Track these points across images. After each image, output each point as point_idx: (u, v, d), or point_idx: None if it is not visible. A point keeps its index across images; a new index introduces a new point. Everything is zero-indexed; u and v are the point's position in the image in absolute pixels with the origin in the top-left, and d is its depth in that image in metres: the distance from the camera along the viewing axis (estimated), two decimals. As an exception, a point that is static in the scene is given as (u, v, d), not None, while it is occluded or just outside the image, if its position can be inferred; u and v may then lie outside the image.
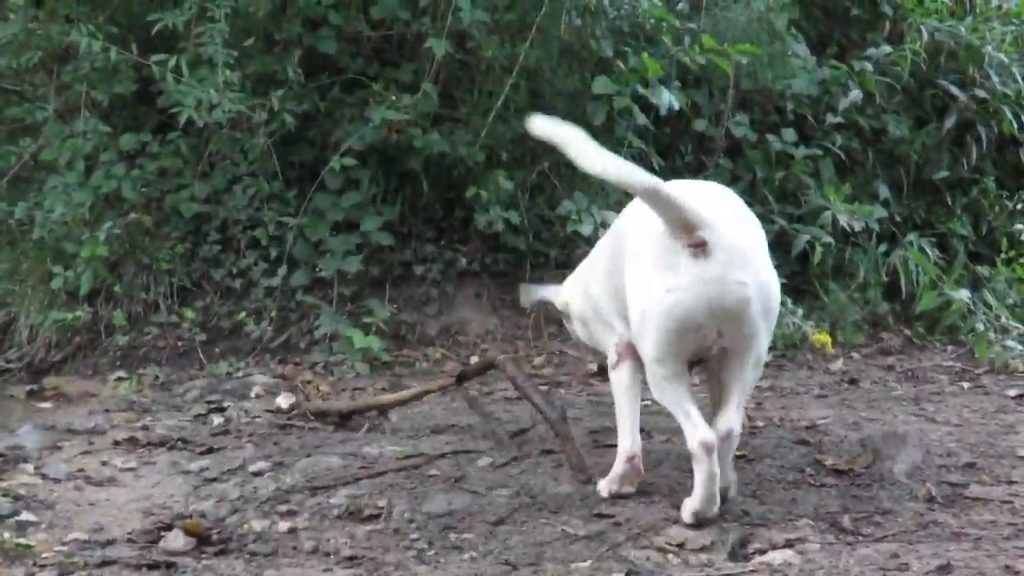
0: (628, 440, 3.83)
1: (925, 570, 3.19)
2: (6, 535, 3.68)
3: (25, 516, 3.84)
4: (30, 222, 6.39)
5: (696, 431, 3.49)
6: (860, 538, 3.51)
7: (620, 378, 3.87)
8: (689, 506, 3.54)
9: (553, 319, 6.36)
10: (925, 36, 7.41)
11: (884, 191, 7.19)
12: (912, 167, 7.38)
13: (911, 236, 7.10)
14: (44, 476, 4.29)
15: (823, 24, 7.63)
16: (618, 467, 3.83)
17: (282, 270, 6.19)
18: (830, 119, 7.06)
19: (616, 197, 6.57)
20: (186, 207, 6.32)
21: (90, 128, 6.28)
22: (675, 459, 4.14)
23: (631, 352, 3.77)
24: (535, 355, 6.17)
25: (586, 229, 6.19)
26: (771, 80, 6.84)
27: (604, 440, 4.40)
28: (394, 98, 6.18)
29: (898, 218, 7.26)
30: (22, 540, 3.63)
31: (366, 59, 6.57)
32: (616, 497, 3.77)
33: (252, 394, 5.47)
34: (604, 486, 3.83)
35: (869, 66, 7.18)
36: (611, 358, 3.90)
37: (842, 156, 7.10)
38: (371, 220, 6.27)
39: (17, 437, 4.84)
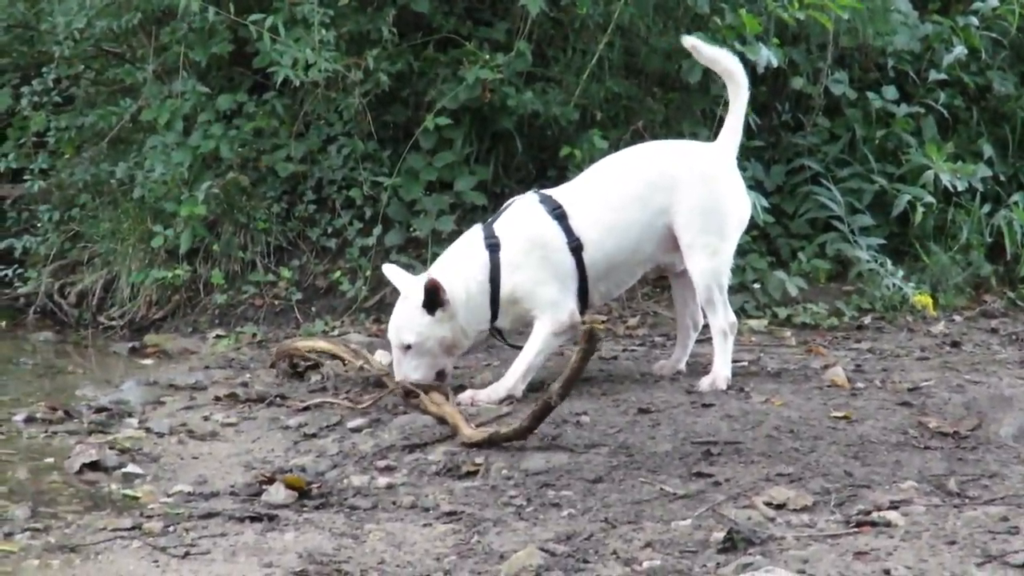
0: (523, 385, 4.44)
1: (1036, 534, 3.11)
2: (113, 486, 3.78)
3: (131, 468, 3.94)
4: (131, 182, 6.51)
5: (728, 314, 4.60)
6: (967, 501, 3.44)
7: (557, 341, 4.51)
8: (711, 379, 4.51)
9: (646, 279, 6.31)
10: (1033, -11, 7.17)
11: (988, 150, 6.99)
12: (1018, 125, 7.16)
13: (1016, 196, 6.92)
14: (148, 430, 4.39)
15: (926, -22, 7.43)
16: (499, 395, 4.39)
17: (377, 230, 6.22)
18: (933, 76, 6.87)
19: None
20: (282, 167, 6.38)
21: (188, 89, 6.36)
22: (774, 419, 4.09)
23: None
24: (628, 315, 6.13)
25: (681, 188, 6.11)
26: (872, 36, 6.67)
27: (700, 400, 4.37)
28: (488, 57, 6.15)
29: (1003, 178, 7.06)
30: (129, 491, 3.72)
31: (459, 18, 6.55)
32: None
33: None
34: (467, 397, 4.40)
35: (974, 21, 6.97)
36: (562, 321, 4.45)
37: (945, 114, 6.92)
38: (464, 180, 6.27)
39: (121, 392, 4.95)
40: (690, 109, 6.60)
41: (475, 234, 4.59)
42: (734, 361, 4.67)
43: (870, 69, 7.05)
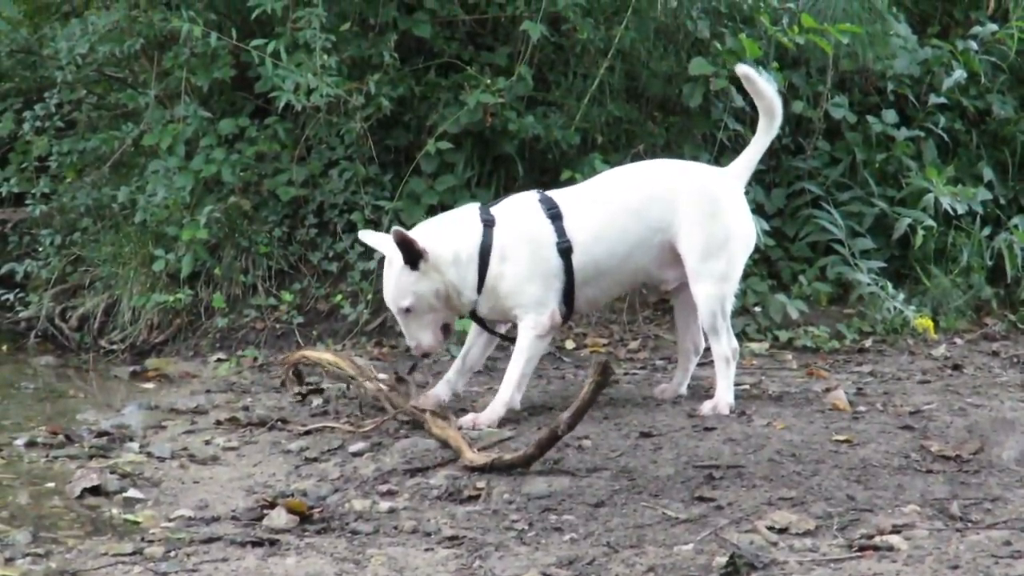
0: (519, 395, 4.48)
1: (1039, 558, 3.11)
2: (114, 511, 3.77)
3: (132, 493, 3.93)
4: (132, 206, 6.51)
5: (731, 340, 4.58)
6: (970, 525, 3.43)
7: (543, 344, 4.52)
8: (713, 403, 4.51)
9: (646, 303, 6.33)
10: (1032, 13, 7.20)
11: (988, 173, 7.00)
12: (1018, 148, 7.18)
13: (1016, 219, 6.93)
14: (149, 454, 4.38)
15: (925, 2, 7.47)
16: (499, 413, 4.39)
17: (378, 253, 6.21)
18: (932, 100, 6.89)
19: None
20: (283, 191, 6.39)
21: (190, 113, 6.37)
22: (776, 443, 4.09)
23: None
24: (629, 339, 6.13)
25: (681, 212, 6.12)
26: (872, 60, 6.70)
27: (702, 424, 4.36)
28: (489, 81, 6.18)
29: (1003, 201, 7.08)
30: (130, 516, 3.72)
31: (461, 43, 6.58)
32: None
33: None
34: (468, 421, 4.38)
35: (974, 45, 7.00)
36: (543, 323, 4.43)
37: (945, 137, 6.94)
38: (466, 203, 6.26)
39: (122, 416, 4.95)
40: (691, 133, 6.62)
41: (471, 208, 4.66)
42: (735, 384, 4.67)
43: (870, 93, 7.07)
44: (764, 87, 4.72)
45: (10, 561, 3.27)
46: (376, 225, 6.30)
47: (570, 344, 5.98)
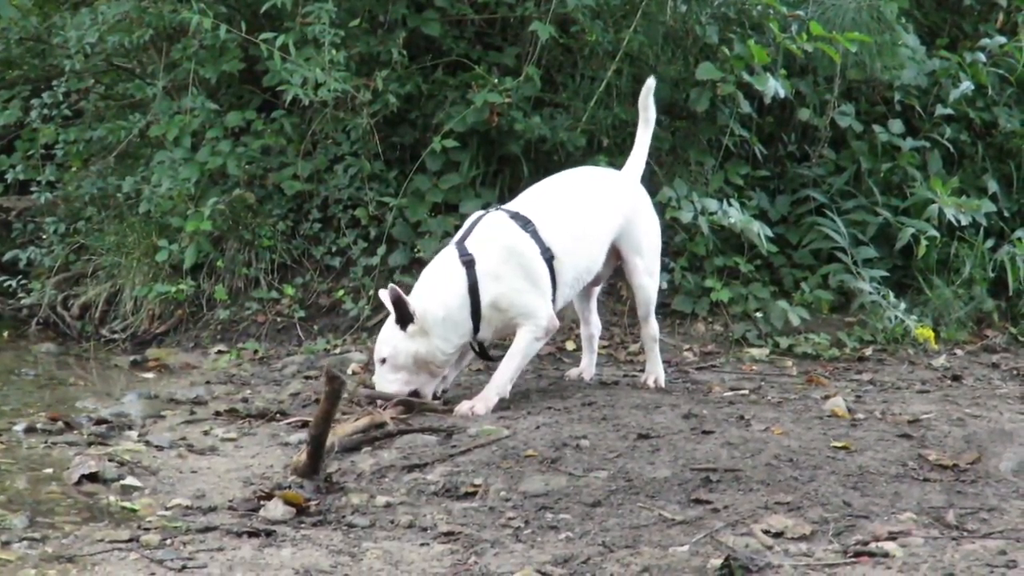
0: (509, 387, 4.69)
1: (1034, 568, 3.11)
2: (112, 498, 3.77)
3: (130, 481, 3.93)
4: (137, 196, 6.53)
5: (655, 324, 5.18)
6: (966, 534, 3.43)
7: (539, 345, 4.79)
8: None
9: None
10: (1040, 27, 7.20)
11: (993, 185, 7.00)
12: (1023, 161, 7.18)
13: (1020, 232, 6.92)
14: (148, 443, 4.39)
15: (934, 14, 7.48)
16: (492, 401, 4.60)
17: (381, 250, 6.24)
18: (939, 111, 6.89)
19: (716, 185, 6.52)
20: (289, 185, 6.41)
21: (197, 105, 6.39)
22: (774, 448, 4.09)
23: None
24: (630, 341, 6.13)
25: (686, 216, 6.14)
26: (879, 70, 6.70)
27: (700, 427, 4.36)
28: (496, 81, 6.19)
29: (1007, 213, 7.07)
30: (127, 504, 3.72)
31: (469, 42, 6.60)
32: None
33: (349, 371, 5.52)
34: (465, 408, 4.57)
35: (982, 57, 7.00)
36: (542, 326, 4.70)
37: (950, 149, 6.94)
38: (470, 202, 6.28)
39: (122, 405, 4.96)
40: (697, 138, 6.63)
41: (449, 253, 4.76)
42: (735, 389, 4.70)
43: (877, 102, 7.07)
44: (650, 103, 5.22)
45: (7, 545, 3.28)
46: (379, 221, 6.32)
47: (571, 345, 5.99)
